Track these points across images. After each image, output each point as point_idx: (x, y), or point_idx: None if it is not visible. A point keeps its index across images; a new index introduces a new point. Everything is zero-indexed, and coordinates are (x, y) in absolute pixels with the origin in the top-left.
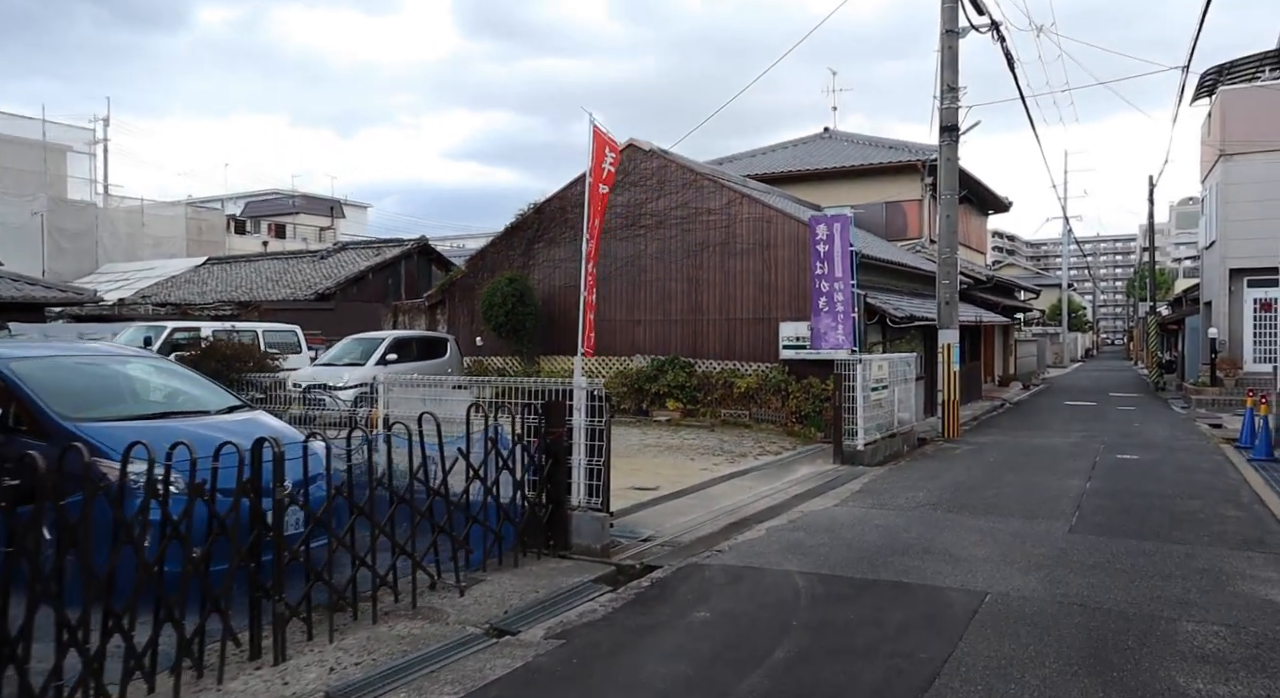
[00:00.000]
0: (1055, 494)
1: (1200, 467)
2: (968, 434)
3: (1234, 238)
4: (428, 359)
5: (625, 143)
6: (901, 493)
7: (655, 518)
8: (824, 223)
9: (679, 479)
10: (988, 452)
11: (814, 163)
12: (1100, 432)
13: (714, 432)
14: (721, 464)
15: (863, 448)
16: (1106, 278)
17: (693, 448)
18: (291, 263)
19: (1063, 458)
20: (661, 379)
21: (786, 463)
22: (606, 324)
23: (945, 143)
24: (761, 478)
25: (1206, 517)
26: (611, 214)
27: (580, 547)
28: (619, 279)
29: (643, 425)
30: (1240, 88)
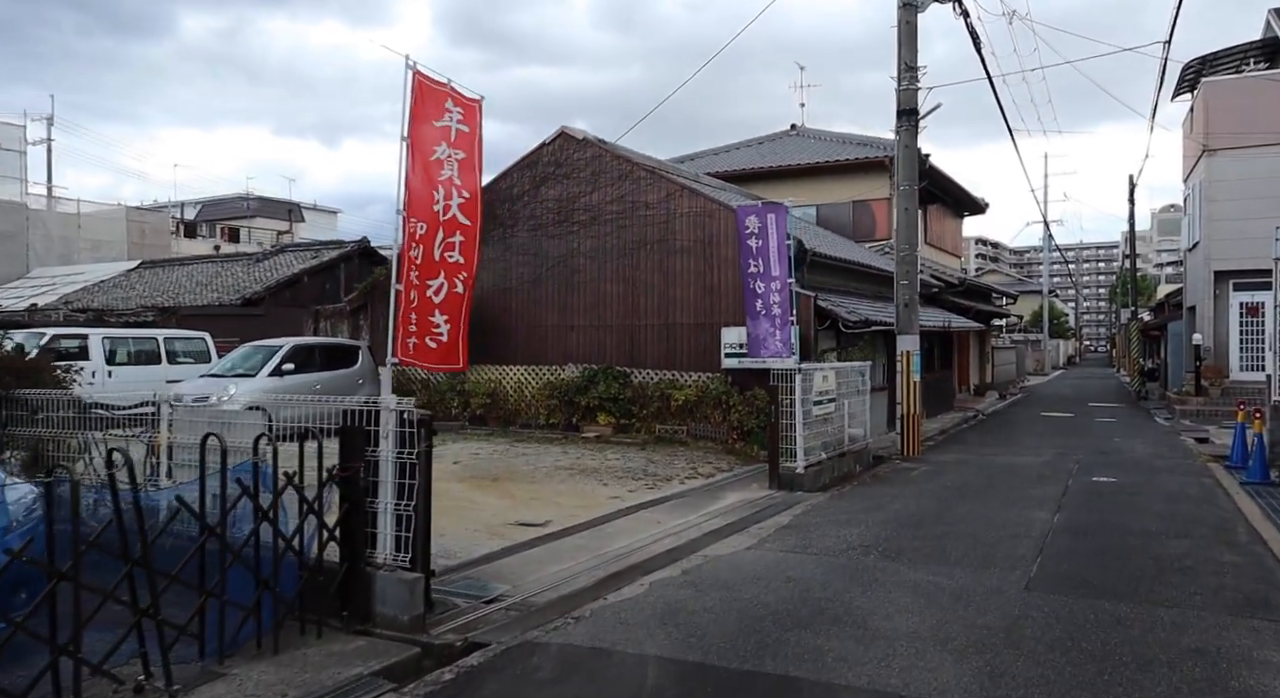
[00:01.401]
0: (1016, 531)
1: (1187, 493)
2: (930, 452)
3: (1218, 238)
4: (334, 370)
5: (557, 131)
6: (834, 530)
7: (522, 567)
8: (755, 213)
9: (578, 512)
10: (948, 474)
11: (778, 160)
12: (1076, 448)
13: (645, 450)
14: (638, 491)
15: (803, 471)
16: (1090, 285)
17: (612, 471)
18: (226, 266)
19: (1031, 482)
20: (592, 391)
21: (715, 488)
22: (538, 330)
23: (903, 127)
24: (678, 508)
25: (1197, 563)
26: (543, 209)
27: (385, 618)
28: (551, 280)
29: (566, 443)
30: (1224, 79)
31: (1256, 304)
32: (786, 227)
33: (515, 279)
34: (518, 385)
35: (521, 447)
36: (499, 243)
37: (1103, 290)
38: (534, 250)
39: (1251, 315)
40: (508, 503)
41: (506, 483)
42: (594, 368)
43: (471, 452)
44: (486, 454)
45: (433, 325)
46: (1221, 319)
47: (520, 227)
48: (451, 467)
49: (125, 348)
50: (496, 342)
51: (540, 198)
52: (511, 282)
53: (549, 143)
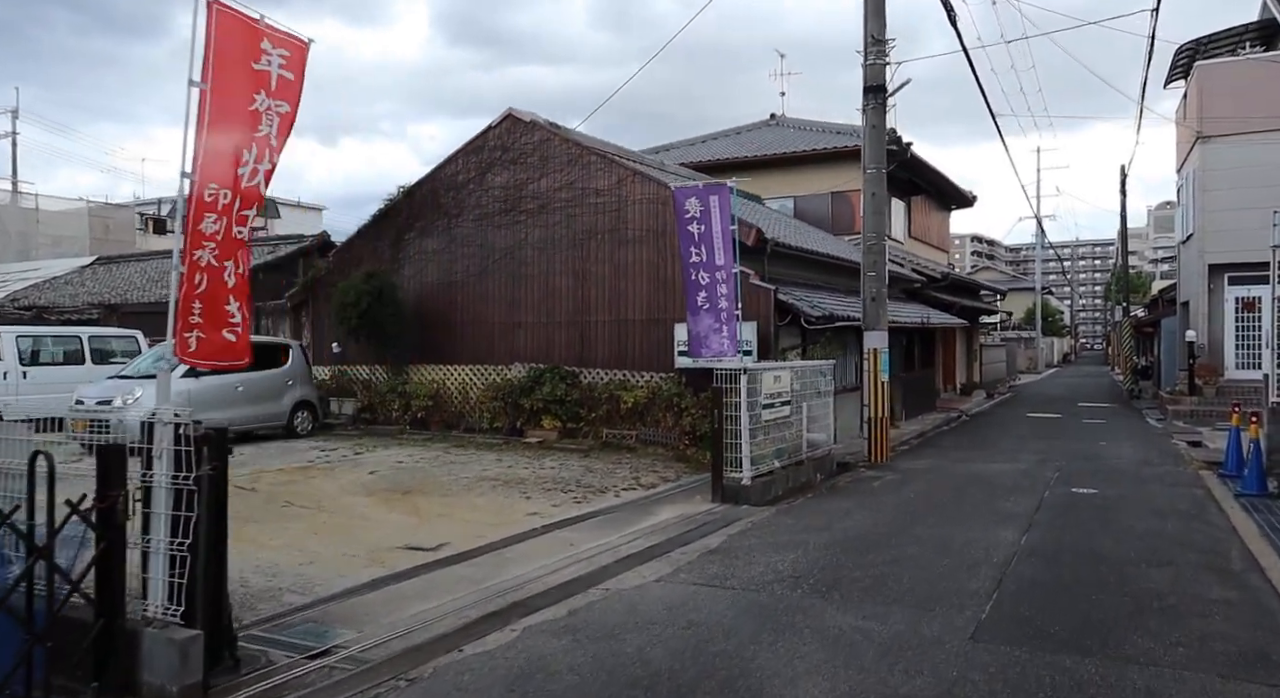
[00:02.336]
0: (975, 557)
1: (1175, 507)
2: (901, 457)
3: (1214, 230)
4: (261, 370)
5: (505, 113)
6: (766, 556)
7: (385, 605)
8: (695, 195)
9: (487, 531)
10: (914, 483)
11: (754, 150)
12: (1058, 454)
13: (588, 457)
14: (564, 506)
15: (749, 483)
16: (1086, 282)
17: (542, 482)
18: None
19: (1002, 494)
20: (537, 393)
21: (653, 502)
22: (484, 328)
23: (870, 106)
24: (602, 527)
25: (1181, 601)
26: (488, 197)
27: (151, 688)
28: (498, 273)
29: (505, 449)
30: (1219, 63)
31: (1253, 299)
32: (731, 209)
33: (461, 272)
34: (462, 387)
35: (456, 453)
36: (443, 234)
37: (1099, 288)
38: (480, 241)
39: (1248, 310)
40: (411, 521)
41: (418, 497)
42: (540, 368)
43: (396, 460)
44: (412, 462)
45: (229, 316)
46: (1216, 315)
47: (466, 216)
48: (366, 478)
49: (45, 347)
50: (441, 340)
51: (487, 185)
52: (457, 275)
53: (495, 126)
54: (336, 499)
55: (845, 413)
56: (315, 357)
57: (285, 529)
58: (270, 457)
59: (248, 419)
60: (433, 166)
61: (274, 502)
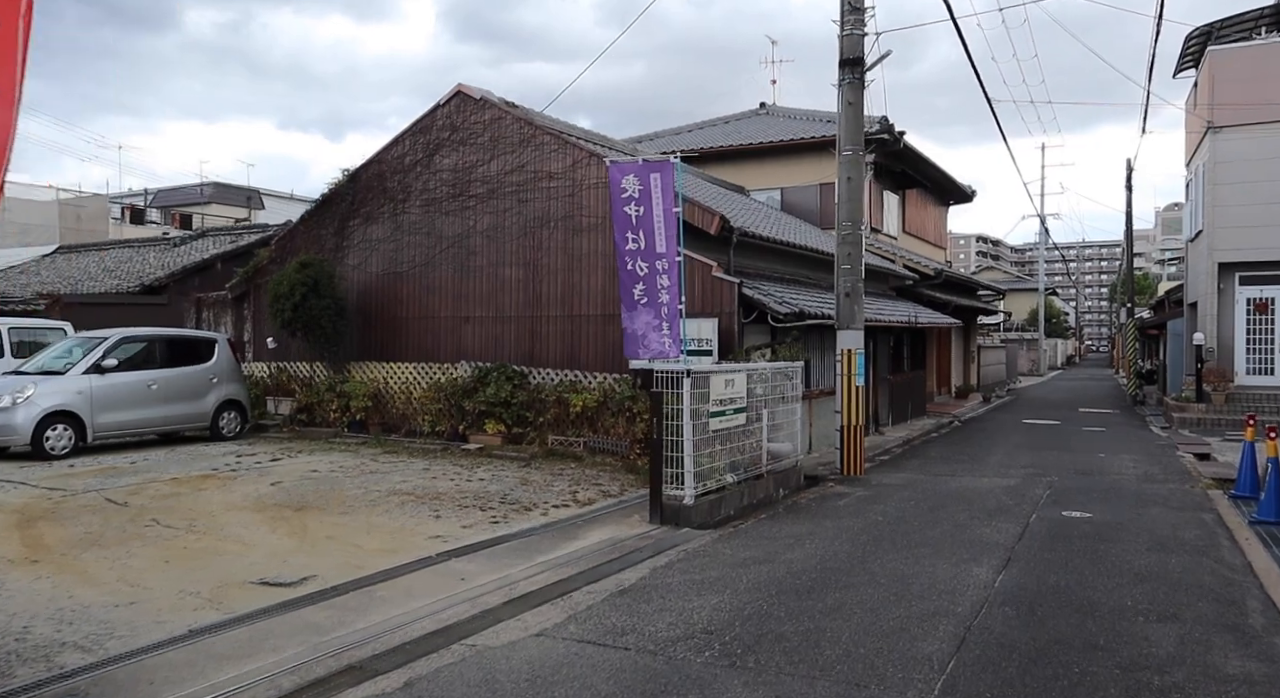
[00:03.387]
0: (936, 606)
1: (1181, 537)
2: (878, 469)
3: (1224, 226)
4: (180, 366)
5: (454, 89)
6: (684, 600)
7: (186, 667)
8: (633, 172)
9: (372, 559)
10: (886, 502)
11: (740, 139)
12: (1052, 467)
13: (527, 467)
14: (477, 527)
15: (691, 502)
16: (1092, 284)
17: (464, 497)
18: (141, 251)
19: (983, 517)
20: (479, 394)
21: (583, 523)
22: (431, 322)
23: (846, 81)
24: (510, 555)
25: (1189, 678)
26: (436, 181)
27: None
28: (444, 264)
29: (440, 457)
30: (1232, 48)
31: (1266, 300)
32: (676, 188)
33: (407, 262)
34: (406, 387)
35: (383, 461)
36: (389, 221)
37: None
38: (427, 229)
39: (1260, 312)
40: (289, 545)
41: (312, 514)
42: (486, 367)
43: (312, 469)
44: (327, 471)
45: None
46: (1226, 317)
47: (413, 202)
48: (265, 490)
49: None
50: (385, 335)
51: (434, 168)
52: (402, 266)
53: (444, 104)
54: (215, 517)
55: (823, 419)
56: (257, 352)
57: (131, 557)
58: (175, 463)
59: (163, 420)
60: (378, 148)
61: (138, 521)
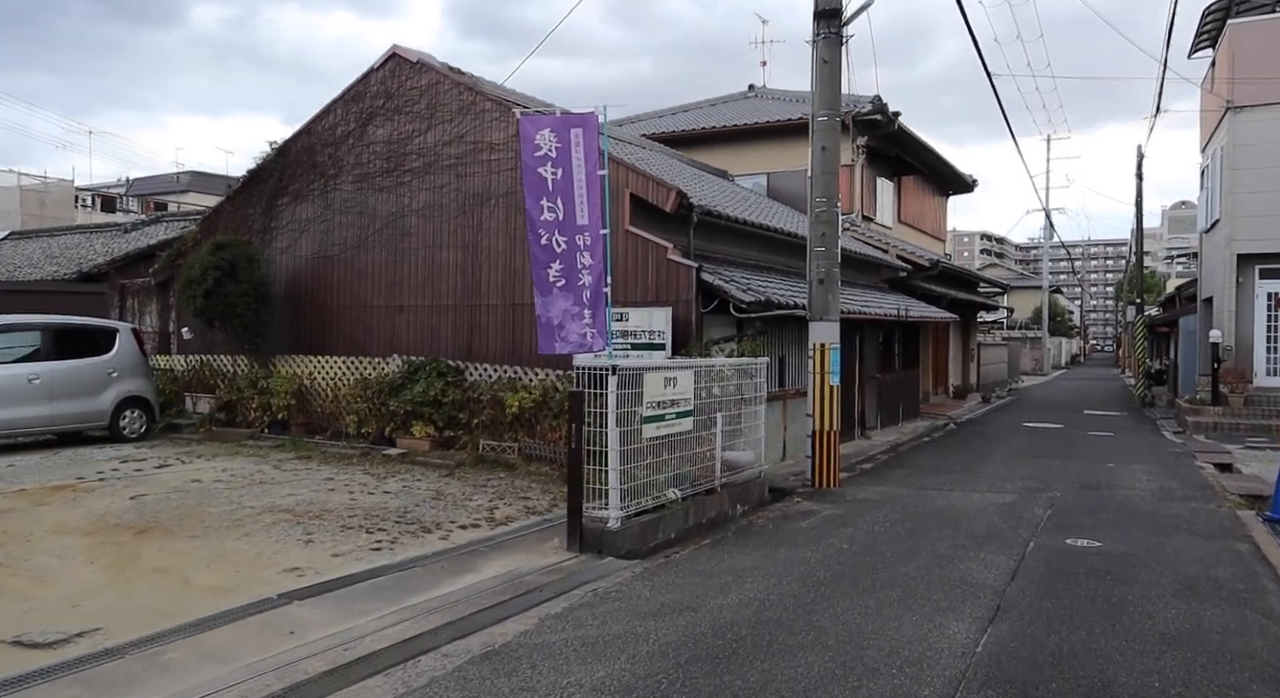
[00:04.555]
0: (892, 688)
1: (1215, 579)
2: (856, 481)
3: (1243, 215)
4: (71, 358)
5: (388, 52)
6: (562, 673)
7: None
8: (550, 127)
9: (194, 600)
10: (856, 524)
11: (727, 121)
12: (1054, 480)
13: (450, 476)
14: (351, 555)
15: (617, 525)
16: (1098, 282)
17: (353, 515)
18: (92, 237)
19: (970, 546)
20: (406, 392)
21: (487, 549)
22: (361, 312)
23: (822, 36)
24: (375, 596)
25: None
26: (370, 154)
27: None
28: (377, 247)
29: (353, 464)
30: (1254, 20)
31: None
32: (601, 146)
33: (338, 245)
34: (334, 383)
35: (285, 469)
36: (319, 199)
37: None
38: (360, 207)
39: None
40: (101, 580)
41: (155, 539)
42: (418, 361)
43: (193, 478)
44: (209, 482)
45: None
46: (1245, 313)
47: (344, 177)
48: (120, 505)
49: None
50: (314, 326)
51: (368, 140)
52: (333, 248)
53: (378, 68)
54: (32, 542)
55: (798, 423)
56: (181, 344)
57: None
58: (40, 470)
59: (48, 419)
60: (307, 119)
61: None
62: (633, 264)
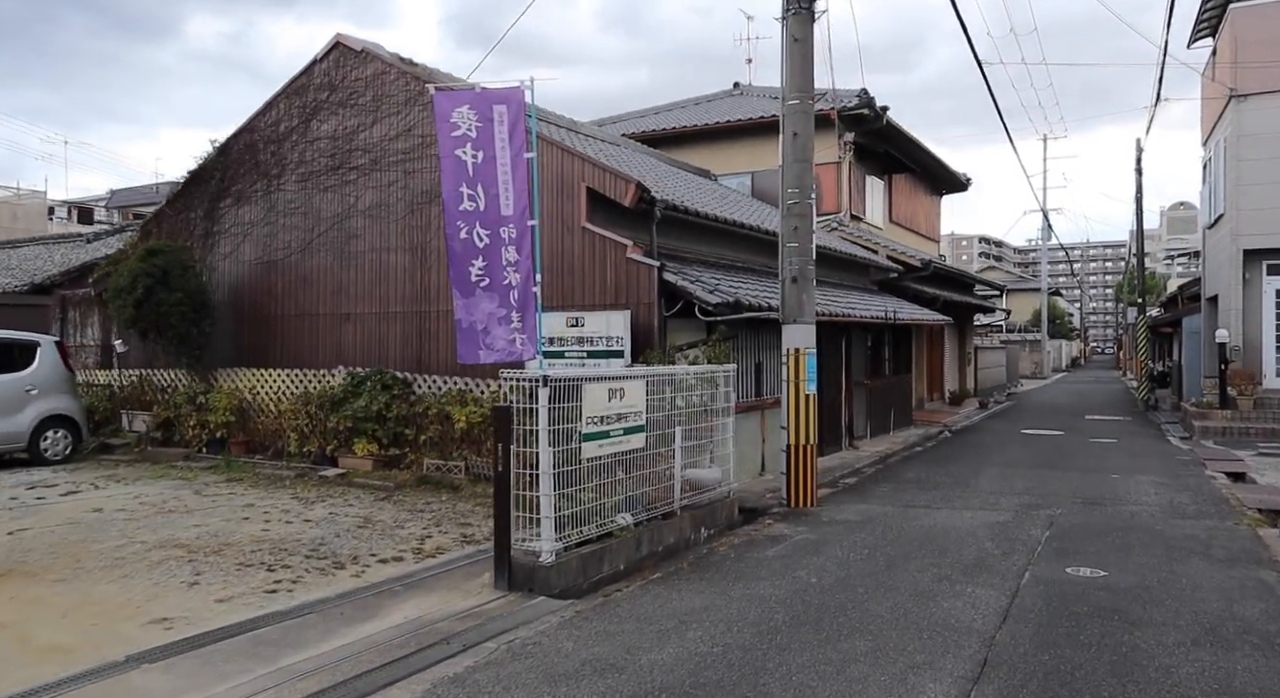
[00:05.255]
0: None
1: (1243, 620)
2: (837, 498)
3: (1249, 208)
4: None
5: (332, 40)
6: None
7: None
8: (469, 103)
9: (24, 666)
10: (825, 554)
11: (710, 119)
12: (1053, 494)
13: (386, 500)
14: (239, 600)
15: (550, 559)
16: (1097, 285)
17: (259, 549)
18: (53, 248)
19: (957, 577)
20: (347, 407)
21: (403, 589)
22: (306, 321)
23: (792, 12)
24: (246, 654)
25: None
26: (314, 151)
27: None
28: (323, 251)
29: (282, 488)
30: (1258, 3)
31: None
32: (529, 126)
33: (281, 249)
34: (277, 398)
35: (206, 495)
36: (261, 200)
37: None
38: (304, 209)
39: None
40: None
41: (12, 582)
42: (362, 373)
43: (94, 508)
44: (111, 512)
45: None
46: (1253, 311)
47: (288, 177)
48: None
49: None
50: (257, 337)
51: (311, 136)
52: (277, 253)
53: (321, 59)
54: None
55: (778, 434)
56: (121, 358)
57: None
58: None
59: None
60: (250, 115)
61: None
62: (590, 264)
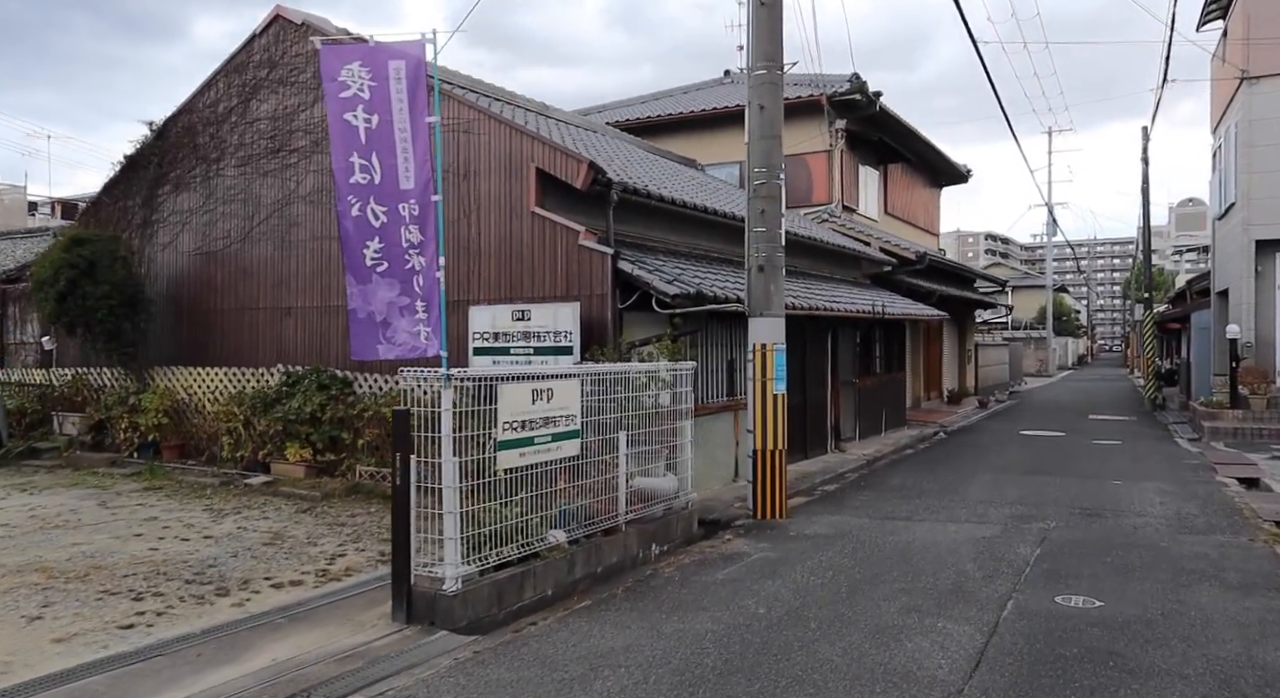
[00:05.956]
0: None
1: (1265, 664)
2: (812, 506)
3: (1262, 197)
4: None
5: (272, 13)
6: None
7: None
8: (360, 59)
9: None
10: (783, 576)
11: (697, 107)
12: (1049, 503)
13: (308, 512)
14: (78, 640)
15: (455, 588)
16: (1104, 282)
17: (134, 573)
18: (17, 242)
19: (927, 610)
20: (278, 409)
21: (287, 622)
22: (246, 315)
23: None
24: None
25: None
26: (253, 133)
27: None
28: (263, 240)
29: (203, 496)
30: None
31: None
32: (429, 87)
33: (221, 238)
34: (214, 399)
35: (110, 507)
36: (201, 186)
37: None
38: (244, 195)
39: None
40: None
41: None
42: (299, 372)
43: None
44: None
45: None
46: (1265, 305)
47: (227, 161)
48: None
49: None
50: (196, 333)
51: (251, 117)
52: (216, 243)
53: (261, 33)
54: None
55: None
56: (59, 356)
57: None
58: None
59: None
60: (188, 95)
61: None
62: (540, 252)
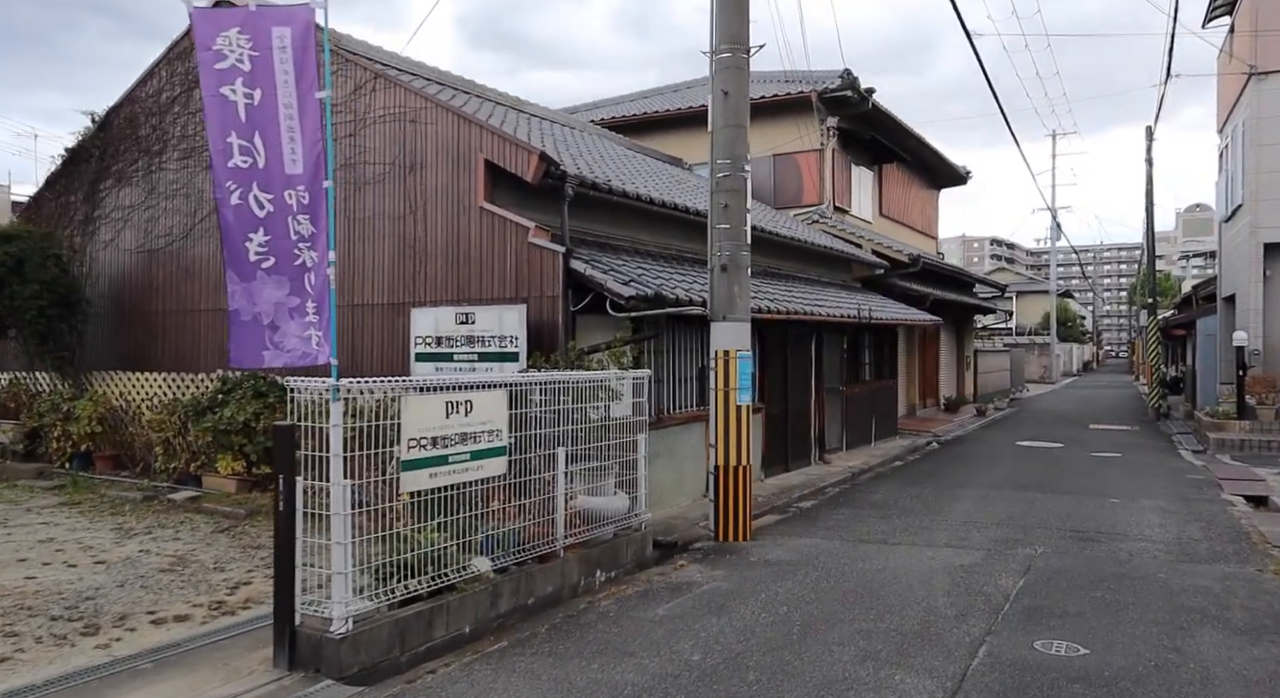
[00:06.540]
0: None
1: None
2: (784, 525)
3: (1270, 198)
4: None
5: None
6: None
7: None
8: (238, 25)
9: None
10: (731, 614)
11: (683, 104)
12: (1037, 527)
13: (226, 532)
14: None
15: (344, 629)
16: (1110, 288)
17: (20, 607)
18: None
19: (884, 659)
20: (209, 417)
21: (152, 667)
22: (188, 318)
23: None
24: None
25: None
26: (196, 124)
27: None
28: (205, 238)
29: (119, 513)
30: None
31: None
32: (316, 54)
33: (163, 236)
34: (153, 406)
35: (9, 526)
36: (143, 181)
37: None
38: (187, 189)
39: None
40: None
41: None
42: (235, 377)
43: None
44: None
45: None
46: (1275, 310)
47: (170, 153)
48: None
49: None
50: (137, 336)
51: (194, 107)
52: (158, 241)
53: None
54: None
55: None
56: None
57: None
58: None
59: None
60: (130, 83)
61: None
62: (488, 250)
